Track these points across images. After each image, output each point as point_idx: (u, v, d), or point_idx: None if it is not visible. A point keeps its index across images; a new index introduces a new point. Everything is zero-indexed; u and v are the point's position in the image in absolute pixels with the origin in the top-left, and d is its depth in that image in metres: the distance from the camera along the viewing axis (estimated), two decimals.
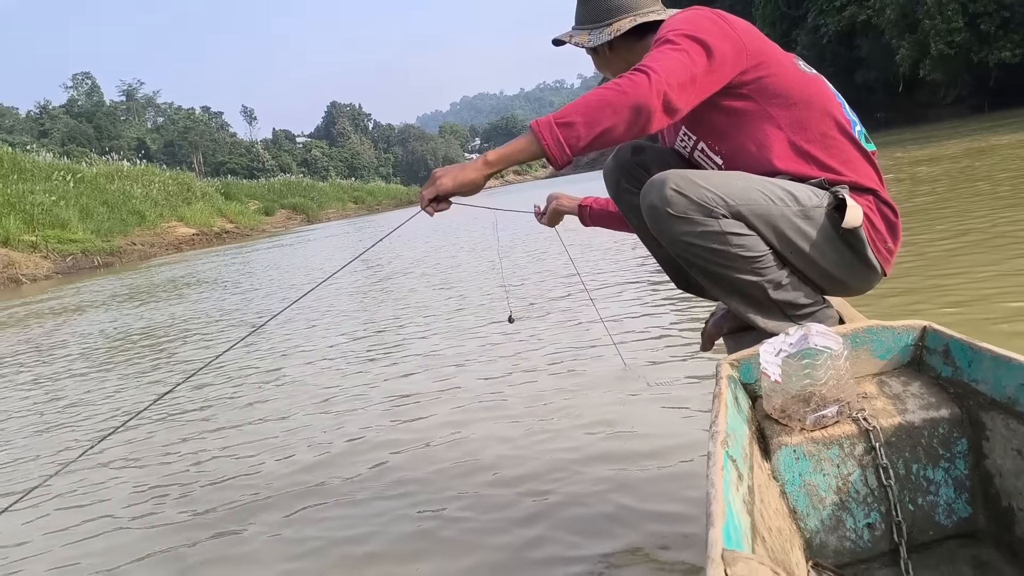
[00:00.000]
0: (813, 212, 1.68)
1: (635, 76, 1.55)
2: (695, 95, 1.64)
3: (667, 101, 1.56)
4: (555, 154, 1.56)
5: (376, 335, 5.23)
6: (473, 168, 1.67)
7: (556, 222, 2.55)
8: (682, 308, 4.42)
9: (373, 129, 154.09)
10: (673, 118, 1.61)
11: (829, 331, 1.41)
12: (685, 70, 1.59)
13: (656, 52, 1.62)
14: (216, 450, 3.20)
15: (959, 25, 31.21)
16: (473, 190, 1.69)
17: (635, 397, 2.90)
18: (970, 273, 3.96)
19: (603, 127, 1.55)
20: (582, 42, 1.93)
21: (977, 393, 1.29)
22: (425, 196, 1.70)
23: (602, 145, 1.59)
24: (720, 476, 1.05)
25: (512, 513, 2.12)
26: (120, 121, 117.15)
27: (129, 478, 3.02)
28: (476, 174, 1.67)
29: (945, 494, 1.31)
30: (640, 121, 1.55)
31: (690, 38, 1.63)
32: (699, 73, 1.62)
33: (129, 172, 39.37)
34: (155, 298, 10.85)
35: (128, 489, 2.89)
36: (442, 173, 1.69)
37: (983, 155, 10.64)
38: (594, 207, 2.39)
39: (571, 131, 1.55)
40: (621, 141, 1.60)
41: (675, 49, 1.61)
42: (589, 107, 1.55)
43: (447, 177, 1.68)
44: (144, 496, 2.79)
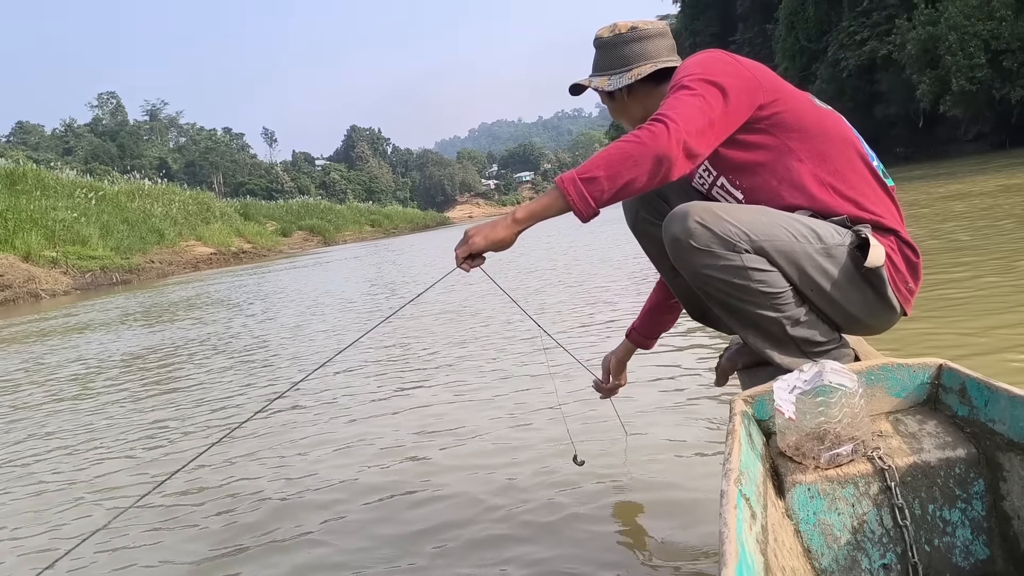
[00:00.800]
0: (835, 250, 1.68)
1: (654, 126, 1.57)
2: (715, 138, 1.66)
3: (687, 148, 1.57)
4: (580, 208, 1.59)
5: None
6: (503, 226, 1.70)
7: (623, 377, 2.45)
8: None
9: (392, 153, 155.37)
10: (695, 163, 1.62)
11: (844, 369, 1.41)
12: (703, 115, 1.61)
13: (672, 99, 1.63)
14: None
15: (981, 61, 31.18)
16: (503, 247, 1.72)
17: (642, 440, 2.84)
18: (994, 311, 3.93)
19: (626, 180, 1.57)
20: (602, 85, 1.95)
21: (994, 433, 1.28)
22: (459, 255, 1.75)
23: (626, 196, 1.61)
24: (733, 515, 1.05)
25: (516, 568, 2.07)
26: (143, 140, 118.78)
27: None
28: (506, 232, 1.70)
29: (962, 535, 1.30)
30: (662, 171, 1.57)
31: (705, 81, 1.65)
32: (717, 116, 1.64)
33: (150, 191, 39.80)
34: (160, 320, 10.79)
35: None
36: (474, 232, 1.73)
37: (1013, 192, 10.55)
38: (638, 326, 2.32)
39: (595, 185, 1.58)
40: (644, 191, 1.62)
41: (691, 94, 1.62)
42: (611, 161, 1.57)
43: (479, 236, 1.72)
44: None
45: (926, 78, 33.63)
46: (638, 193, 1.62)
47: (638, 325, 2.32)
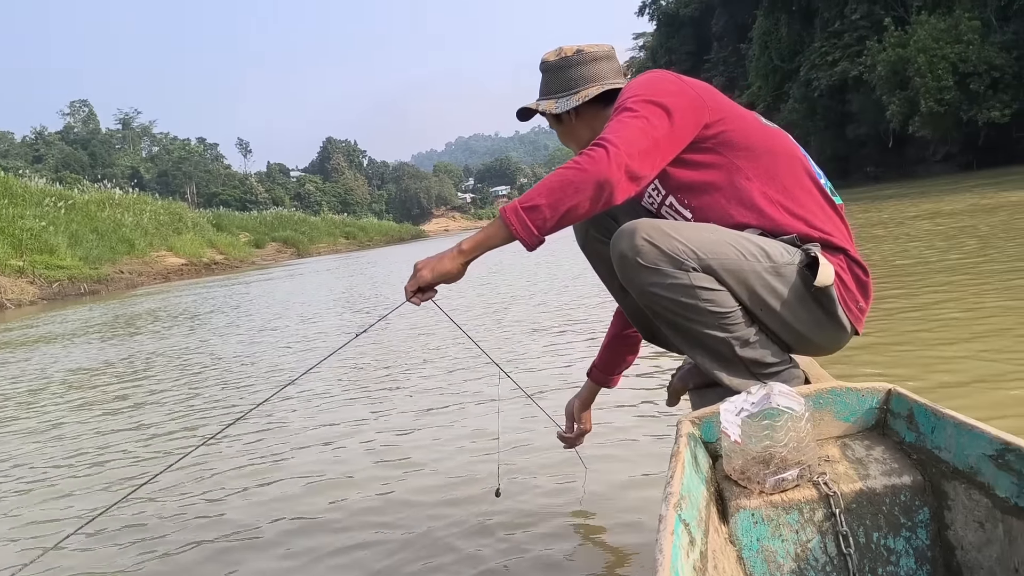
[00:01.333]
0: (785, 269, 1.65)
1: (594, 151, 1.55)
2: (660, 158, 1.64)
3: (629, 171, 1.55)
4: (524, 238, 1.57)
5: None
6: (449, 258, 1.69)
7: (588, 423, 2.39)
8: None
9: (368, 166, 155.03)
10: (639, 186, 1.60)
11: (792, 392, 1.38)
12: (645, 136, 1.58)
13: (614, 122, 1.61)
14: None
15: (949, 84, 31.76)
16: (451, 279, 1.71)
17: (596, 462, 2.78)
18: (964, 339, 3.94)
19: (568, 206, 1.55)
20: (549, 109, 1.94)
21: (939, 460, 1.25)
22: (408, 289, 1.74)
23: (570, 222, 1.59)
24: (670, 541, 1.01)
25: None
26: (115, 149, 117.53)
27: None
28: (452, 264, 1.68)
29: (906, 565, 1.27)
30: (604, 196, 1.54)
31: (649, 102, 1.62)
32: (660, 136, 1.61)
33: (121, 200, 39.34)
34: (117, 334, 10.49)
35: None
36: (422, 265, 1.71)
37: (983, 213, 10.67)
38: (599, 364, 2.28)
39: (537, 214, 1.56)
40: (588, 216, 1.59)
41: (634, 116, 1.60)
42: (552, 189, 1.55)
43: (426, 269, 1.70)
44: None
45: (895, 99, 34.19)
46: (583, 219, 1.60)
47: (598, 362, 2.28)
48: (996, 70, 31.32)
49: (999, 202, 12.14)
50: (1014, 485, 1.10)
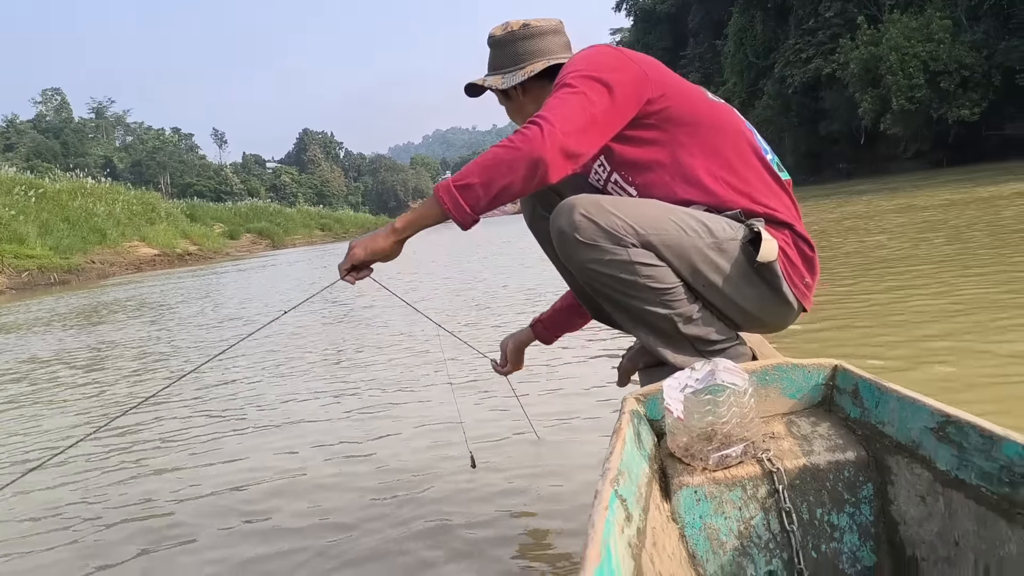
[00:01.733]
0: (727, 245, 1.63)
1: (528, 130, 1.52)
2: (599, 135, 1.60)
3: (565, 149, 1.52)
4: (457, 216, 1.57)
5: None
6: (383, 237, 1.70)
7: (521, 362, 2.41)
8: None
9: (344, 158, 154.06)
10: (576, 163, 1.57)
11: (737, 367, 1.35)
12: (583, 112, 1.55)
13: (552, 98, 1.58)
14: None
15: (920, 82, 32.09)
16: (385, 257, 1.72)
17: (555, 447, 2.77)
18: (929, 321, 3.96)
19: (501, 185, 1.53)
20: (495, 84, 1.90)
21: (883, 435, 1.24)
22: (341, 268, 1.76)
23: (505, 201, 1.57)
24: (603, 516, 0.98)
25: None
26: (88, 138, 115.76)
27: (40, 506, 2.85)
28: (385, 243, 1.70)
29: (849, 541, 1.25)
30: (538, 175, 1.52)
31: (588, 78, 1.59)
32: (599, 112, 1.58)
33: (93, 189, 38.69)
34: (81, 323, 10.20)
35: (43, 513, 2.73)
36: (356, 244, 1.73)
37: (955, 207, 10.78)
38: (544, 319, 2.28)
39: (470, 193, 1.55)
40: (523, 195, 1.58)
41: (572, 92, 1.56)
42: (485, 167, 1.54)
43: (359, 247, 1.72)
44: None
45: (868, 96, 34.52)
46: (517, 197, 1.59)
47: (544, 318, 2.28)
48: (966, 69, 31.69)
49: (972, 196, 12.30)
50: (954, 457, 1.08)
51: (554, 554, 1.90)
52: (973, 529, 1.05)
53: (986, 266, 5.35)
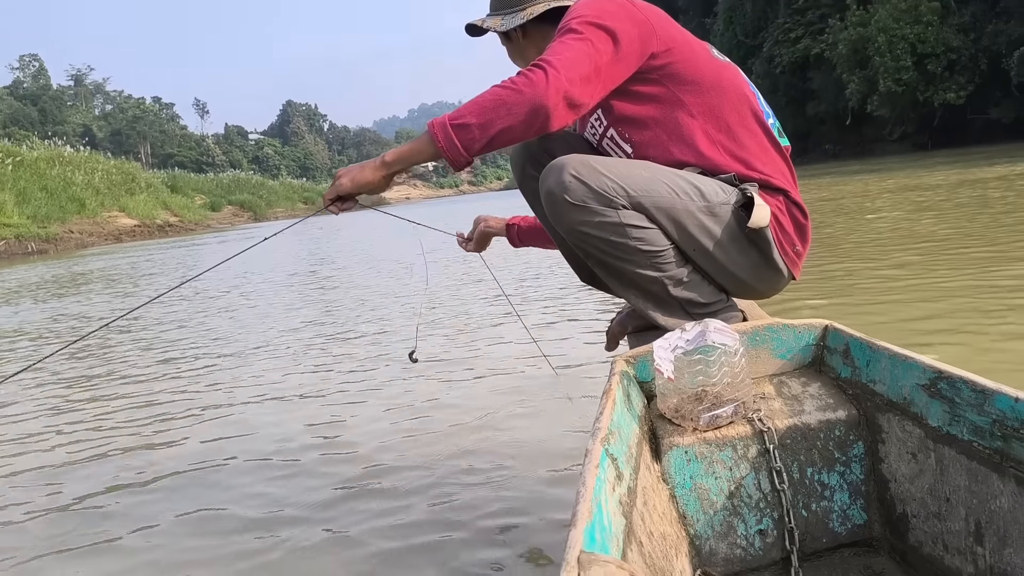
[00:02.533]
0: (719, 209, 1.60)
1: (533, 73, 1.47)
2: (601, 86, 1.56)
3: (568, 98, 1.47)
4: (450, 156, 1.51)
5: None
6: (371, 168, 1.63)
7: (484, 246, 2.40)
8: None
9: (328, 130, 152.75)
10: (578, 113, 1.52)
11: (727, 328, 1.34)
12: (589, 61, 1.50)
13: (557, 43, 1.53)
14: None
15: (907, 64, 32.16)
16: (372, 190, 1.66)
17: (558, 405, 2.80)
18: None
19: (498, 128, 1.47)
20: (495, 26, 1.86)
21: (874, 394, 1.23)
22: (326, 197, 1.70)
23: (501, 145, 1.52)
24: (593, 474, 0.96)
25: (404, 516, 2.00)
26: (67, 106, 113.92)
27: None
28: (374, 175, 1.63)
29: (840, 500, 1.24)
30: (538, 121, 1.47)
31: (594, 25, 1.54)
32: (604, 63, 1.53)
33: (71, 158, 38.18)
34: (52, 294, 10.03)
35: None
36: (343, 173, 1.66)
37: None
38: (522, 225, 2.28)
39: (466, 133, 1.49)
40: (521, 140, 1.54)
41: (578, 39, 1.51)
42: (484, 107, 1.48)
43: (346, 177, 1.65)
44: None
45: (855, 78, 34.56)
46: (514, 143, 1.54)
47: (520, 223, 2.28)
48: (953, 52, 31.80)
49: (966, 178, 12.37)
50: (946, 413, 1.07)
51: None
52: (964, 484, 1.05)
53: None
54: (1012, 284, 3.90)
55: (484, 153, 1.53)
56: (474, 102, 1.50)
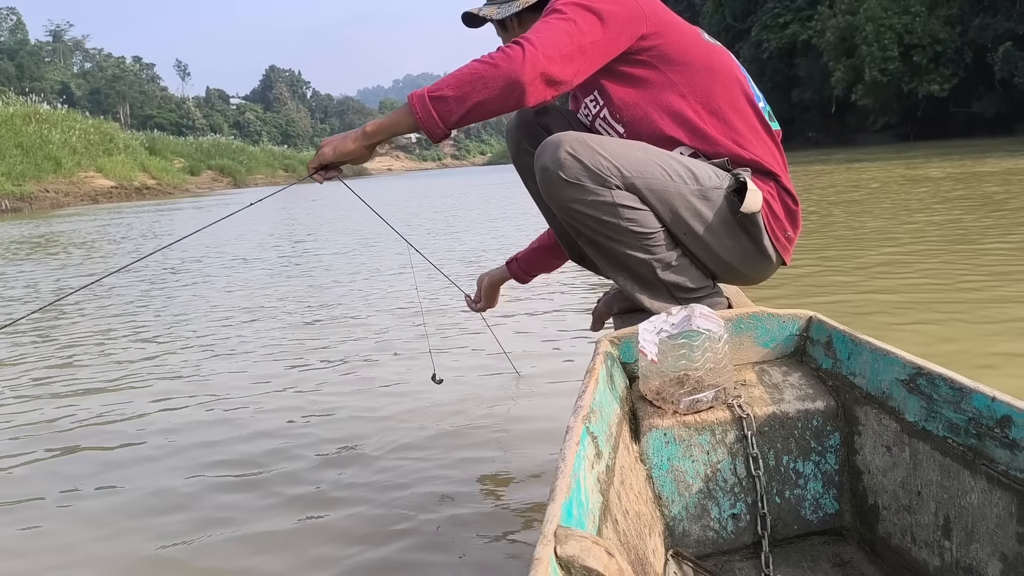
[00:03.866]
0: (711, 193, 1.62)
1: (511, 49, 1.49)
2: (586, 65, 1.57)
3: (545, 74, 1.49)
4: (428, 127, 1.54)
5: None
6: (353, 139, 1.69)
7: (494, 299, 2.40)
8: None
9: (311, 98, 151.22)
10: (557, 90, 1.54)
11: (713, 314, 1.35)
12: (570, 40, 1.52)
13: (540, 23, 1.54)
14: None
15: (894, 54, 32.30)
16: (354, 160, 1.71)
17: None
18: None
19: (474, 101, 1.50)
20: (490, 14, 1.87)
21: (853, 386, 1.25)
22: (310, 166, 1.75)
23: (478, 119, 1.54)
24: (574, 451, 0.97)
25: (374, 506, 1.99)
26: (44, 62, 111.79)
27: None
28: (355, 145, 1.68)
29: (813, 488, 1.26)
30: (513, 96, 1.49)
31: (580, 6, 1.55)
32: (588, 42, 1.54)
33: (48, 116, 37.54)
34: (15, 255, 9.84)
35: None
36: (326, 143, 1.71)
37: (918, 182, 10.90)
38: (520, 258, 2.26)
39: (443, 105, 1.52)
40: (497, 114, 1.56)
41: (561, 19, 1.53)
42: (462, 81, 1.51)
43: (328, 147, 1.71)
44: None
45: (841, 66, 34.67)
46: (491, 117, 1.56)
47: (520, 257, 2.26)
48: (939, 44, 31.96)
49: (970, 170, 12.46)
50: (923, 409, 1.09)
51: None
52: (936, 479, 1.07)
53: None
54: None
55: (461, 126, 1.56)
56: (452, 75, 1.53)
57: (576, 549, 0.75)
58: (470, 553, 1.65)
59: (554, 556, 0.73)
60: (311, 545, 1.74)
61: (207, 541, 1.80)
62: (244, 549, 1.75)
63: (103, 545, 1.83)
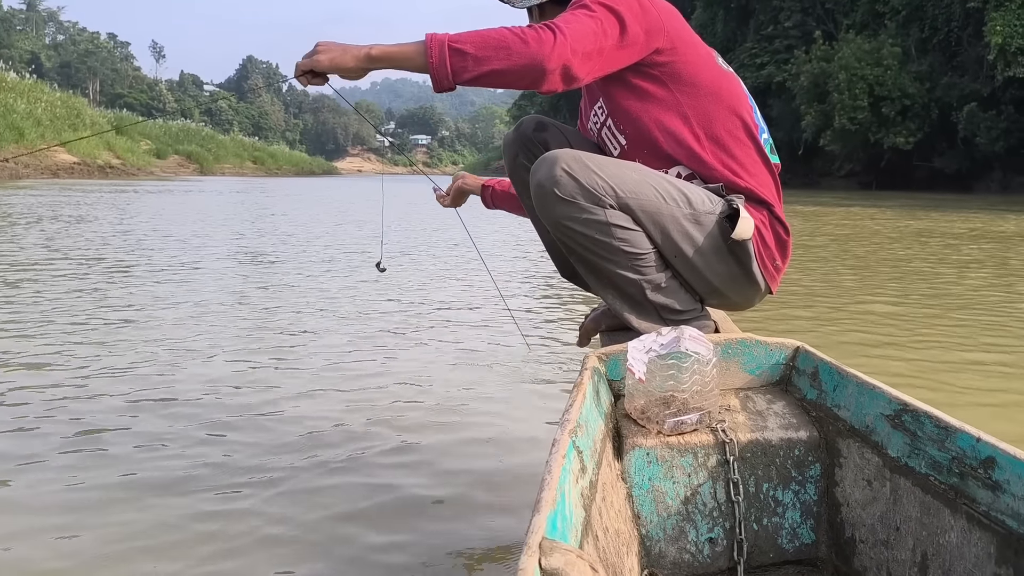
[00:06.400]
0: (704, 218, 1.63)
1: (544, 32, 1.48)
2: (599, 67, 1.58)
3: (566, 67, 1.49)
4: (438, 75, 1.49)
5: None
6: (353, 56, 1.55)
7: (460, 202, 2.46)
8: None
9: (287, 92, 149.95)
10: (570, 85, 1.54)
11: (703, 337, 1.36)
12: (594, 39, 1.52)
13: (570, 14, 1.54)
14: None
15: (864, 104, 33.05)
16: (348, 77, 1.60)
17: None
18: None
19: (492, 67, 1.48)
20: (513, 1, 1.88)
21: (837, 419, 1.26)
22: (300, 66, 1.60)
23: (488, 84, 1.52)
24: (560, 464, 0.97)
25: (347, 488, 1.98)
26: (15, 30, 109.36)
27: None
28: (355, 63, 1.55)
29: (791, 517, 1.28)
30: (531, 76, 1.48)
31: (607, 7, 1.55)
32: (608, 46, 1.55)
33: (15, 85, 36.71)
34: None
35: None
36: (324, 48, 1.57)
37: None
38: (497, 188, 2.31)
39: (461, 59, 1.48)
40: (509, 87, 1.55)
41: (590, 16, 1.53)
42: (486, 42, 1.48)
43: (325, 56, 1.56)
44: None
45: (812, 110, 35.37)
46: (503, 87, 1.55)
47: (495, 187, 2.31)
48: (908, 98, 32.79)
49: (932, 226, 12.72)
50: (906, 445, 1.11)
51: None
52: (916, 516, 1.08)
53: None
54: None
55: (469, 85, 1.52)
56: (478, 33, 1.50)
57: (561, 562, 0.75)
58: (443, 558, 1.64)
59: (538, 568, 0.73)
60: (285, 541, 1.71)
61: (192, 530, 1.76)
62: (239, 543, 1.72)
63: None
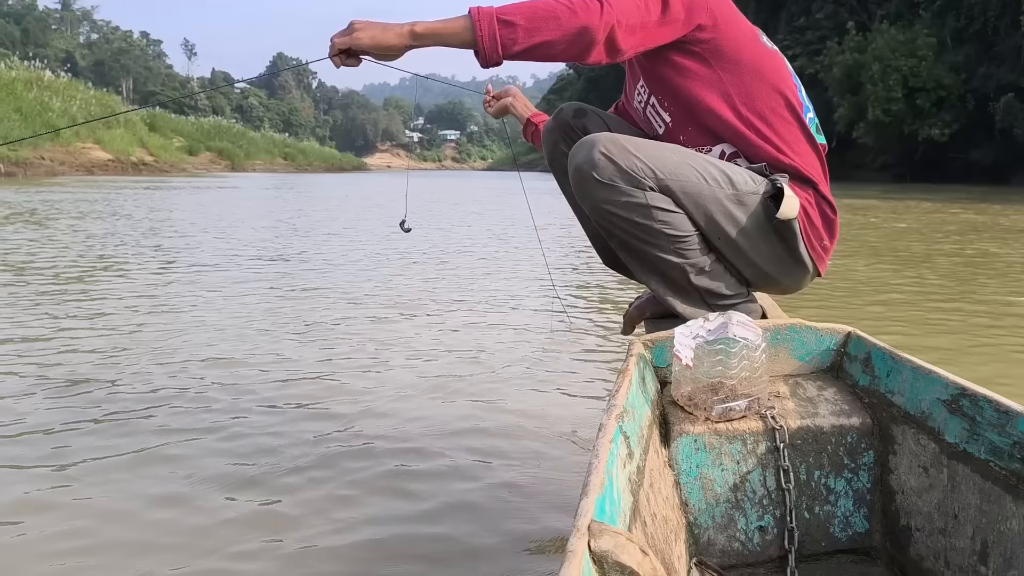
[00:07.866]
0: (747, 198, 1.60)
1: (590, 1, 1.46)
2: (640, 42, 1.55)
3: (611, 38, 1.48)
4: (487, 49, 1.46)
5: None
6: (396, 34, 1.50)
7: (501, 115, 2.33)
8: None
9: (316, 88, 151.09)
10: (613, 58, 1.53)
11: (751, 323, 1.34)
12: (638, 13, 1.51)
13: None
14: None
15: (898, 95, 32.54)
16: (388, 56, 1.54)
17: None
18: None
19: (543, 38, 1.46)
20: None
21: (891, 405, 1.24)
22: (336, 43, 1.53)
23: (536, 57, 1.49)
24: (607, 448, 0.96)
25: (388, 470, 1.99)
26: (51, 29, 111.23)
27: None
28: (398, 41, 1.50)
29: (844, 505, 1.25)
30: (581, 45, 1.47)
31: None
32: (650, 22, 1.53)
33: (50, 83, 37.21)
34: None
35: None
36: (362, 27, 1.51)
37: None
38: (540, 128, 2.18)
39: (510, 31, 1.45)
40: (556, 59, 1.52)
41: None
42: (536, 13, 1.46)
43: (366, 33, 1.50)
44: None
45: (845, 102, 34.88)
46: (551, 59, 1.51)
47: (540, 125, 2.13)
48: (943, 89, 32.24)
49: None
50: (964, 430, 1.08)
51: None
52: (976, 503, 1.06)
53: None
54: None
55: (517, 59, 1.49)
56: (525, 5, 1.47)
57: (611, 544, 0.74)
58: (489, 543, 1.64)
59: (588, 550, 0.72)
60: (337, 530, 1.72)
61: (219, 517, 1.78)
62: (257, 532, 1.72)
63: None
